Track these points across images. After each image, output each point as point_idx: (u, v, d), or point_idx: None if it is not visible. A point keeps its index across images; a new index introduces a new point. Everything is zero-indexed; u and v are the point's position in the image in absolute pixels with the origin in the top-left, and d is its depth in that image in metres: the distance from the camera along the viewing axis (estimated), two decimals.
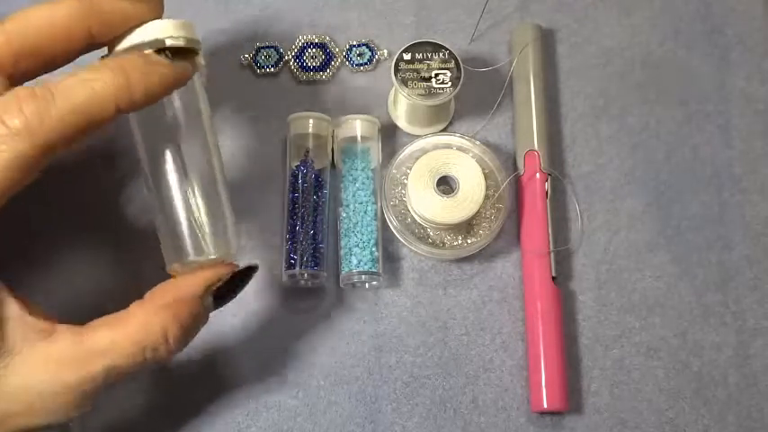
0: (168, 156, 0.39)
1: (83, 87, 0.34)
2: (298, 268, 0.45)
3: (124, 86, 0.34)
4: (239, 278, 0.40)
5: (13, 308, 0.35)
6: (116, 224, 0.48)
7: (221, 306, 0.40)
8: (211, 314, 0.46)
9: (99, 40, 0.38)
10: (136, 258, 0.46)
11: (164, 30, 0.37)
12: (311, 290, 0.47)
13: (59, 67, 0.38)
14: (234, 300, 0.40)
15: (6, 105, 0.33)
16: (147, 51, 0.37)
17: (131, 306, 0.37)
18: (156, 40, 0.37)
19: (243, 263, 0.40)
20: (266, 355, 0.46)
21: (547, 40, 0.52)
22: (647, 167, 0.50)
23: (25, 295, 0.36)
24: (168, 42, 0.37)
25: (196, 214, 0.39)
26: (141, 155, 0.40)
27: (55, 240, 0.47)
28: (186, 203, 0.39)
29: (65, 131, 0.33)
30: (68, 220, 0.47)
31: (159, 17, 0.38)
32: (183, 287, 0.38)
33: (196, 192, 0.39)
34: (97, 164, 0.49)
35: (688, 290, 0.47)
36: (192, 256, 0.39)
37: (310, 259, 0.45)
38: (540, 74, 0.50)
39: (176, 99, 0.39)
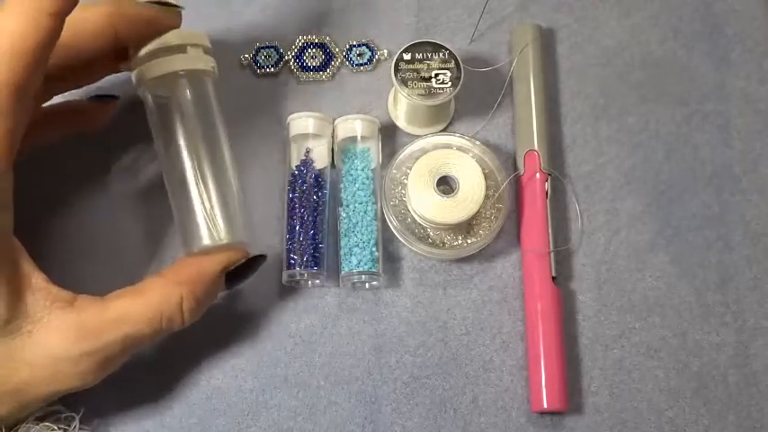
0: (182, 146, 0.43)
1: (5, 16, 0.34)
2: (298, 268, 0.45)
3: None
4: (250, 264, 0.43)
5: (39, 278, 0.37)
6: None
7: (230, 288, 0.43)
8: (212, 313, 0.46)
9: (124, 42, 0.42)
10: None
11: None
12: (311, 290, 0.47)
13: (88, 68, 0.43)
14: (239, 286, 0.44)
15: None
16: None
17: (148, 279, 0.41)
18: None
19: (252, 252, 0.43)
20: (266, 355, 0.46)
21: (547, 40, 0.52)
22: (647, 167, 0.50)
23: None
24: None
25: (207, 204, 0.42)
26: (156, 144, 0.44)
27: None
28: (199, 192, 0.42)
29: (16, 65, 0.34)
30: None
31: (178, 26, 0.44)
32: (200, 265, 0.41)
33: (208, 181, 0.43)
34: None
35: (688, 290, 0.47)
36: (205, 241, 0.42)
37: (310, 259, 0.45)
38: (540, 74, 0.50)
39: (188, 93, 0.43)
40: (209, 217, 0.42)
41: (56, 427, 0.40)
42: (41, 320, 0.36)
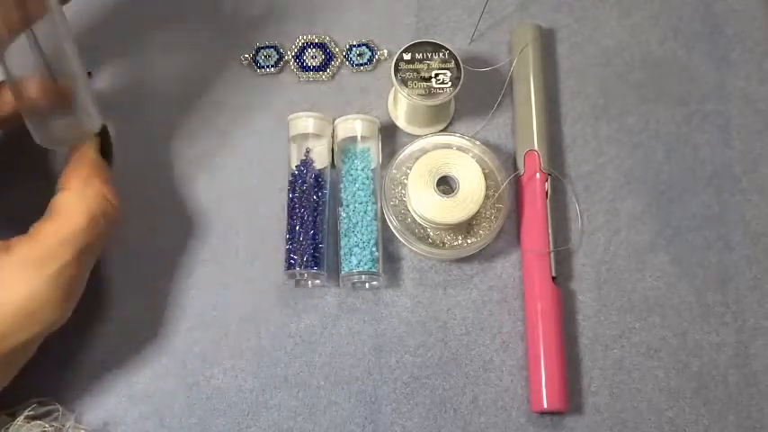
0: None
1: None
2: (298, 268, 0.45)
3: None
4: (106, 134, 0.44)
5: None
6: None
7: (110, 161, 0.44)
8: (212, 313, 0.46)
9: None
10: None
11: None
12: (311, 290, 0.47)
13: None
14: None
15: None
16: None
17: (58, 198, 0.41)
18: None
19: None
20: (266, 355, 0.46)
21: (547, 40, 0.52)
22: (647, 167, 0.50)
23: None
24: None
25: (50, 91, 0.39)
26: None
27: None
28: (39, 90, 0.39)
29: None
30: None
31: None
32: (83, 160, 0.42)
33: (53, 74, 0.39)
34: None
35: (688, 290, 0.47)
36: (54, 129, 0.40)
37: (310, 259, 0.45)
38: (540, 74, 0.50)
39: None
40: (52, 106, 0.40)
41: (47, 425, 0.40)
42: None
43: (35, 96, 0.39)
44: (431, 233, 0.47)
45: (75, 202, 0.40)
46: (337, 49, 0.52)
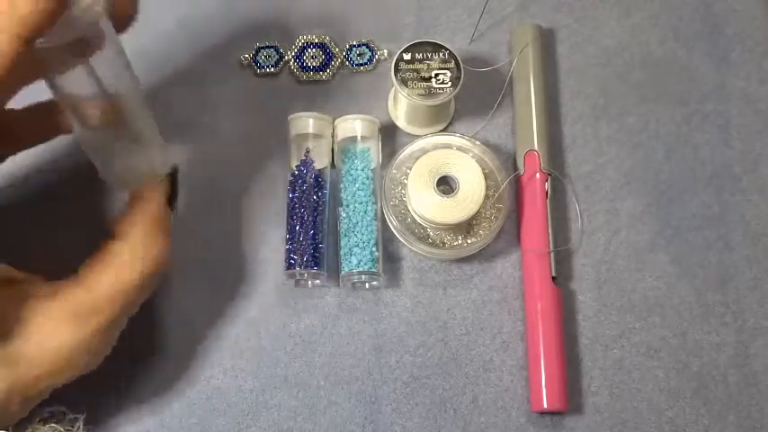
0: (78, 91, 0.38)
1: None
2: (298, 268, 0.45)
3: (10, 12, 0.33)
4: (175, 179, 0.42)
5: (18, 275, 0.37)
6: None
7: (174, 209, 0.42)
8: (212, 315, 0.46)
9: None
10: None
11: None
12: (311, 290, 0.47)
13: None
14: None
15: None
16: None
17: (115, 246, 0.39)
18: None
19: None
20: (266, 355, 0.46)
21: (547, 40, 0.52)
22: (647, 167, 0.50)
23: None
24: None
25: (115, 133, 0.40)
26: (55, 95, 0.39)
27: None
28: (106, 127, 0.39)
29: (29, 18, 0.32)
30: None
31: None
32: (147, 206, 0.40)
33: (119, 115, 0.39)
34: None
35: (688, 290, 0.47)
36: (118, 166, 0.40)
37: (310, 259, 0.45)
38: (540, 74, 0.50)
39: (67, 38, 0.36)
40: (118, 146, 0.40)
41: (62, 429, 0.40)
42: (33, 318, 0.36)
43: (94, 123, 0.38)
44: (431, 233, 0.47)
45: (134, 256, 0.38)
46: (337, 49, 0.52)
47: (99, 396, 0.44)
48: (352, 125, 0.48)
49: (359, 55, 0.52)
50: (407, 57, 0.47)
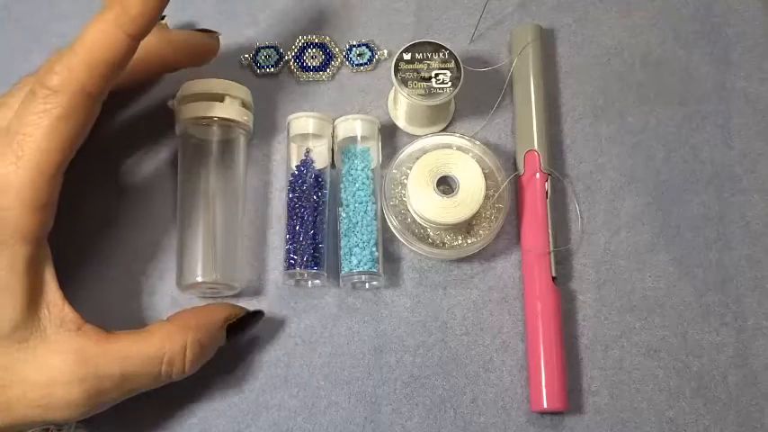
0: (201, 185, 0.45)
1: (90, 30, 0.37)
2: (298, 268, 0.45)
3: (121, 12, 0.36)
4: (250, 318, 0.44)
5: (57, 294, 0.38)
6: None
7: (229, 340, 0.43)
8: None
9: (170, 65, 0.46)
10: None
11: None
12: (311, 290, 0.47)
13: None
14: (236, 340, 0.44)
15: (44, 72, 0.37)
16: None
17: (154, 323, 0.41)
18: None
19: (253, 308, 0.44)
20: (266, 355, 0.46)
21: (547, 40, 0.52)
22: (647, 167, 0.50)
23: None
24: None
25: (209, 244, 0.45)
26: (180, 176, 0.46)
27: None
28: (205, 232, 0.45)
29: (93, 72, 0.36)
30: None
31: (216, 50, 0.48)
32: (205, 313, 0.42)
33: (217, 225, 0.45)
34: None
35: (688, 290, 0.47)
36: (200, 278, 0.44)
37: (310, 259, 0.45)
38: (540, 74, 0.50)
39: (219, 139, 0.46)
40: (209, 256, 0.44)
41: (52, 427, 0.40)
42: (48, 338, 0.37)
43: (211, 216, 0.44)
44: (431, 233, 0.47)
45: (161, 336, 0.39)
46: (337, 49, 0.52)
47: None
48: (352, 125, 0.48)
49: (359, 55, 0.52)
50: (407, 57, 0.47)
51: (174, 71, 0.47)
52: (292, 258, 0.45)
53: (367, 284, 0.47)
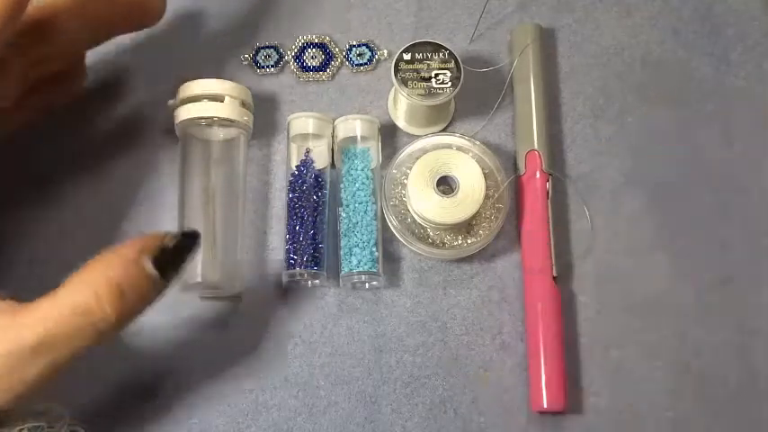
0: (201, 185, 0.45)
1: None
2: (298, 268, 0.45)
3: None
4: (181, 247, 0.38)
5: None
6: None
7: (170, 278, 0.37)
8: (212, 315, 0.46)
9: (103, 24, 0.43)
10: None
11: None
12: (311, 290, 0.47)
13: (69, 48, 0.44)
14: (179, 271, 0.38)
15: None
16: None
17: (66, 280, 0.36)
18: None
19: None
20: (266, 355, 0.46)
21: (547, 40, 0.52)
22: (647, 167, 0.50)
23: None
24: None
25: (212, 242, 0.44)
26: (180, 176, 0.46)
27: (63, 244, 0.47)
28: (208, 230, 0.44)
29: None
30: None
31: (162, 10, 0.46)
32: (113, 253, 0.36)
33: (217, 222, 0.45)
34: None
35: (688, 290, 0.47)
36: (200, 278, 0.44)
37: (310, 259, 0.45)
38: (540, 74, 0.50)
39: (219, 140, 0.46)
40: (209, 256, 0.44)
41: (43, 423, 0.39)
42: None
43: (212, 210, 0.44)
44: (431, 233, 0.47)
45: (69, 289, 0.35)
46: (337, 49, 0.52)
47: (98, 397, 0.44)
48: (353, 125, 0.48)
49: (359, 55, 0.52)
50: (407, 57, 0.47)
51: (119, 34, 0.45)
52: (292, 258, 0.45)
53: (367, 284, 0.47)
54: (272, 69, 0.51)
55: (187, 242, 0.38)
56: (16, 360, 0.34)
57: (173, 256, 0.37)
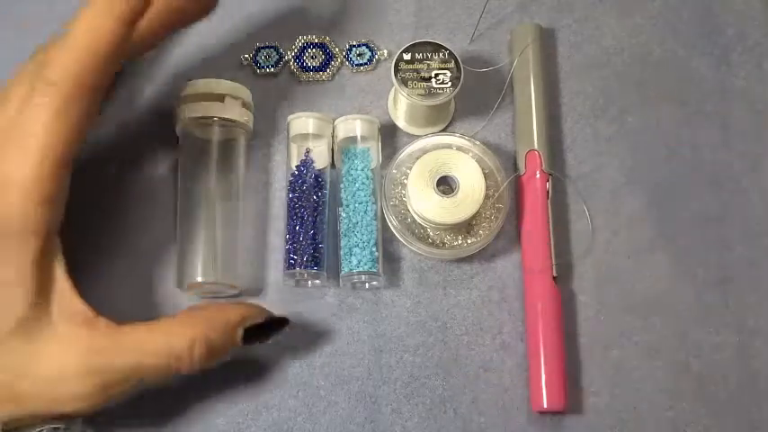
0: (201, 185, 0.45)
1: (83, 20, 0.36)
2: (298, 268, 0.45)
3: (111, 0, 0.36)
4: (272, 325, 0.42)
5: (66, 289, 0.37)
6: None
7: (248, 344, 0.41)
8: None
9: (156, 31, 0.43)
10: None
11: None
12: (311, 290, 0.47)
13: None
14: (256, 345, 0.42)
15: (42, 65, 0.36)
16: None
17: (165, 317, 0.41)
18: None
19: (279, 314, 0.43)
20: (266, 355, 0.46)
21: (547, 40, 0.52)
22: (647, 167, 0.50)
23: None
24: None
25: (209, 243, 0.45)
26: (180, 175, 0.46)
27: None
28: (205, 231, 0.45)
29: (89, 64, 0.36)
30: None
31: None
32: (217, 312, 0.41)
33: (216, 224, 0.45)
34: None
35: (688, 290, 0.47)
36: (200, 278, 0.44)
37: (310, 259, 0.45)
38: (540, 74, 0.50)
39: (219, 139, 0.46)
40: (209, 256, 0.44)
41: (60, 425, 0.40)
42: (57, 332, 0.37)
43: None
44: (431, 233, 0.47)
45: (169, 331, 0.39)
46: (337, 49, 0.52)
47: None
48: (353, 125, 0.48)
49: (359, 55, 0.52)
50: (407, 57, 0.47)
51: (182, 28, 0.45)
52: (292, 258, 0.45)
53: (367, 284, 0.47)
54: (272, 69, 0.51)
55: (278, 326, 0.43)
56: (109, 378, 0.37)
57: (261, 329, 0.42)
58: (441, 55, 0.47)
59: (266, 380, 0.45)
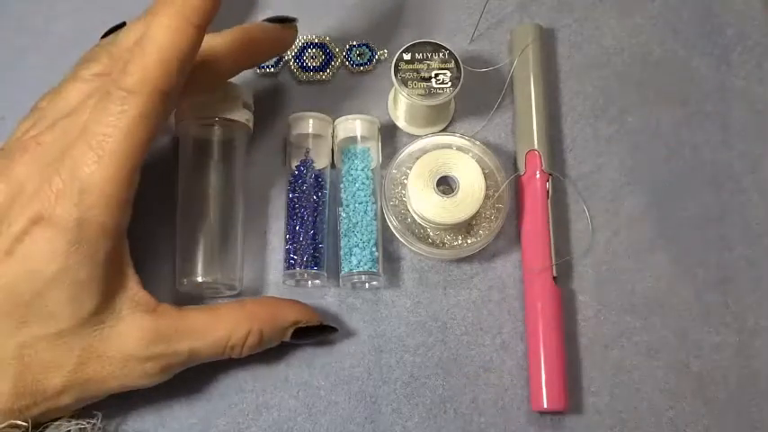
0: (201, 185, 0.46)
1: (156, 26, 0.37)
2: (298, 268, 0.45)
3: (184, 4, 0.37)
4: (320, 329, 0.44)
5: (133, 281, 0.40)
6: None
7: (293, 341, 0.44)
8: None
9: (250, 60, 0.45)
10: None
11: None
12: (311, 290, 0.47)
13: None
14: (298, 343, 0.45)
15: (117, 72, 0.37)
16: None
17: (227, 303, 0.44)
18: None
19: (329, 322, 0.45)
20: (266, 355, 0.45)
21: (547, 40, 0.52)
22: (647, 167, 0.50)
23: None
24: None
25: (209, 242, 0.45)
26: (180, 176, 0.46)
27: None
28: (207, 230, 0.45)
29: (166, 70, 0.37)
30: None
31: (294, 40, 0.47)
32: (278, 309, 0.43)
33: (217, 222, 0.45)
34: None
35: (688, 290, 0.47)
36: (200, 277, 0.44)
37: (310, 259, 0.45)
38: (540, 74, 0.50)
39: (219, 139, 0.46)
40: (209, 256, 0.45)
41: (85, 423, 0.41)
42: (124, 319, 0.39)
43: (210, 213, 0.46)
44: (431, 233, 0.47)
45: (230, 320, 0.42)
46: (337, 50, 0.52)
47: None
48: (353, 125, 0.48)
49: (359, 55, 0.52)
50: (407, 57, 0.47)
51: (251, 68, 0.47)
52: (292, 258, 0.45)
53: (367, 284, 0.47)
54: (272, 69, 0.51)
55: (326, 331, 0.45)
56: (171, 361, 0.40)
57: (310, 330, 0.44)
58: (441, 55, 0.48)
59: (266, 380, 0.45)
